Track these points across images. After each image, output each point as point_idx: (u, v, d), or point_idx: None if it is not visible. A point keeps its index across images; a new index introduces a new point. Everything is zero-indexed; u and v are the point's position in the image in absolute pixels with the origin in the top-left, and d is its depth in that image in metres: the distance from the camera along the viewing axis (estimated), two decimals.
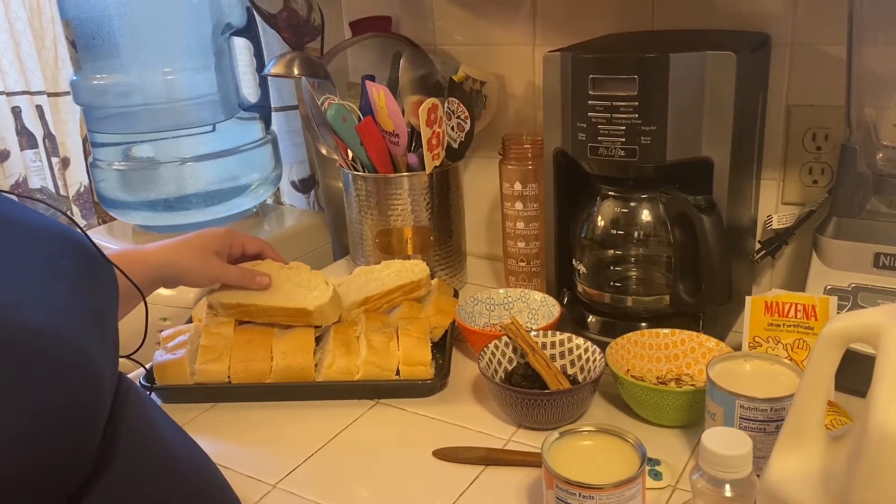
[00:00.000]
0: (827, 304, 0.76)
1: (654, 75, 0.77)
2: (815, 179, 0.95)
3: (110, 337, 0.45)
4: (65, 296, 0.40)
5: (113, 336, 0.45)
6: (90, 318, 0.41)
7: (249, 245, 0.92)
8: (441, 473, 0.72)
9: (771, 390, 0.64)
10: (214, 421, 0.82)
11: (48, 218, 0.45)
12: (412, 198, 1.03)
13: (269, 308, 0.87)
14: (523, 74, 1.10)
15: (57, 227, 0.45)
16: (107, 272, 0.47)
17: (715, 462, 0.52)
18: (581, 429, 0.63)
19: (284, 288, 0.88)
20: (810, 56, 0.91)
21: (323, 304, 0.85)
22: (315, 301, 0.85)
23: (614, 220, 0.89)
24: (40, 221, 0.44)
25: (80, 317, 0.40)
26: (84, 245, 0.46)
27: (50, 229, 0.44)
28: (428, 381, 0.84)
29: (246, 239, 0.92)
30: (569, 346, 0.83)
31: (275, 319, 0.88)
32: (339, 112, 0.99)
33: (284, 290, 0.88)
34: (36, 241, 0.42)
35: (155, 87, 1.17)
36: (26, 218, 0.43)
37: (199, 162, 1.21)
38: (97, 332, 0.41)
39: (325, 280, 0.89)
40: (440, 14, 1.14)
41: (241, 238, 0.91)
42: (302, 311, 0.85)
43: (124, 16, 1.13)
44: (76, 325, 0.39)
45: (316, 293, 0.87)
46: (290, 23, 1.26)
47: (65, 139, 1.69)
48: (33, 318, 0.37)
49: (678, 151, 0.79)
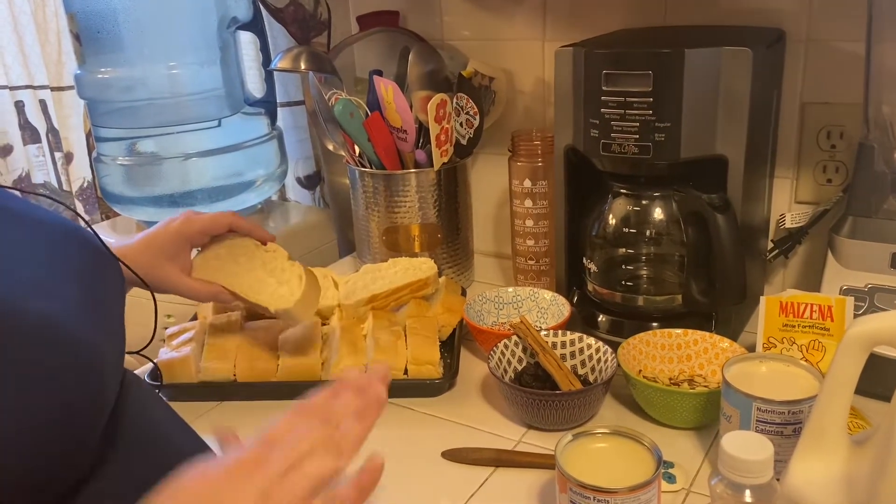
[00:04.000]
0: (843, 305, 0.75)
1: (669, 71, 0.76)
2: (830, 178, 0.94)
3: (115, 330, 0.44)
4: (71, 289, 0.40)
5: (118, 330, 0.45)
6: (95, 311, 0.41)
7: (213, 229, 0.80)
8: (450, 474, 0.70)
9: (788, 392, 0.63)
10: (220, 419, 0.81)
11: (55, 213, 0.45)
12: (420, 195, 1.01)
13: (249, 306, 0.80)
14: (532, 70, 1.09)
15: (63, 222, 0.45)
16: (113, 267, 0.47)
17: (735, 466, 0.50)
18: (595, 431, 0.62)
19: (254, 274, 0.79)
20: (825, 53, 0.90)
21: (287, 309, 0.76)
22: (278, 302, 0.76)
23: (626, 218, 0.87)
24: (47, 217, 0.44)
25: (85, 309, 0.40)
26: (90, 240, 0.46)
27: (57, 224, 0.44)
28: (436, 381, 0.82)
29: (205, 225, 0.79)
30: (579, 345, 0.82)
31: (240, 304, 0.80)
32: (346, 107, 0.98)
33: (253, 276, 0.79)
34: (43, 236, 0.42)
35: (159, 82, 1.15)
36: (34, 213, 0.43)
37: (203, 157, 1.19)
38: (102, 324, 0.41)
39: (300, 274, 0.79)
40: (448, 9, 1.13)
41: (198, 226, 0.79)
42: (264, 309, 0.78)
43: (129, 9, 1.11)
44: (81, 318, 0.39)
45: (284, 290, 0.78)
46: (297, 17, 1.25)
47: (68, 134, 1.68)
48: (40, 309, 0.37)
49: (692, 148, 0.78)
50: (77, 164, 1.69)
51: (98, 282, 0.44)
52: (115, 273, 0.47)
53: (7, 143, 1.78)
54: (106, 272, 0.46)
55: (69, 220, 0.47)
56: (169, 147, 1.18)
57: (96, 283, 0.44)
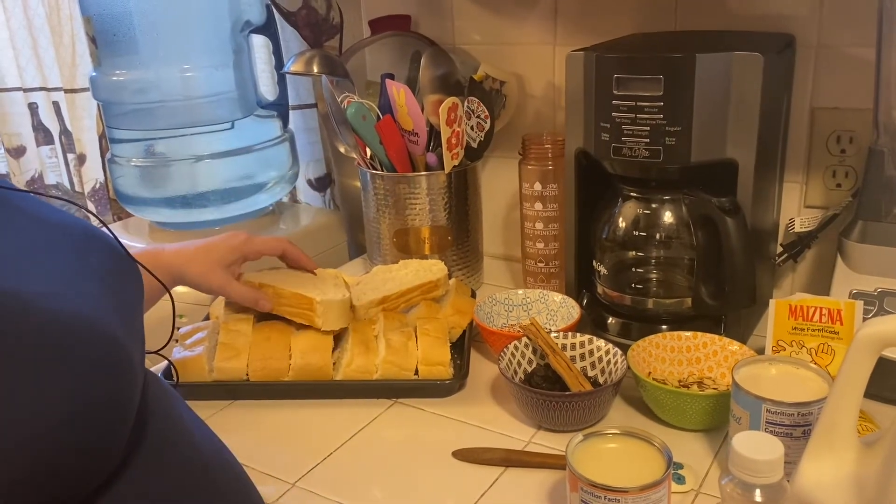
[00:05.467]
0: (853, 309, 0.75)
1: (680, 75, 0.76)
2: (839, 183, 0.94)
3: (137, 331, 0.45)
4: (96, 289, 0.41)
5: (139, 330, 0.46)
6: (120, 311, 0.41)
7: (267, 250, 0.91)
8: (461, 474, 0.71)
9: (797, 395, 0.63)
10: (232, 418, 0.82)
11: (76, 217, 0.47)
12: (430, 197, 1.02)
13: (283, 292, 0.87)
14: (543, 74, 1.10)
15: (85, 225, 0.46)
16: (132, 269, 0.48)
17: (745, 466, 0.51)
18: (606, 431, 0.62)
19: (300, 279, 0.90)
20: (835, 58, 0.90)
21: (330, 300, 0.85)
22: (324, 294, 0.85)
23: (636, 222, 0.88)
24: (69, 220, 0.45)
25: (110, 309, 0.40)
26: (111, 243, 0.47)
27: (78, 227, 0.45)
28: (447, 382, 0.83)
29: (262, 246, 0.90)
30: (589, 347, 0.82)
31: (283, 308, 0.87)
32: (358, 110, 0.99)
33: (299, 279, 0.90)
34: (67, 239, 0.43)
35: (173, 84, 1.17)
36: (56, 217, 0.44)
37: (216, 159, 1.21)
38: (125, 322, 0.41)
39: (346, 286, 0.91)
40: (459, 13, 1.14)
41: (256, 246, 0.90)
42: (307, 301, 0.85)
43: (145, 12, 1.13)
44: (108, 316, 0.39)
45: (331, 290, 0.87)
46: (309, 21, 1.26)
47: (81, 135, 1.70)
48: (68, 307, 0.37)
49: (703, 152, 0.79)
50: (89, 165, 1.71)
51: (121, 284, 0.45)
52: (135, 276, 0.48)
53: (20, 145, 1.80)
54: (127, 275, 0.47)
55: (89, 223, 0.48)
56: (182, 149, 1.20)
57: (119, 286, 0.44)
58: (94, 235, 0.46)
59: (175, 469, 0.44)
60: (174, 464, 0.44)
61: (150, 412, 0.43)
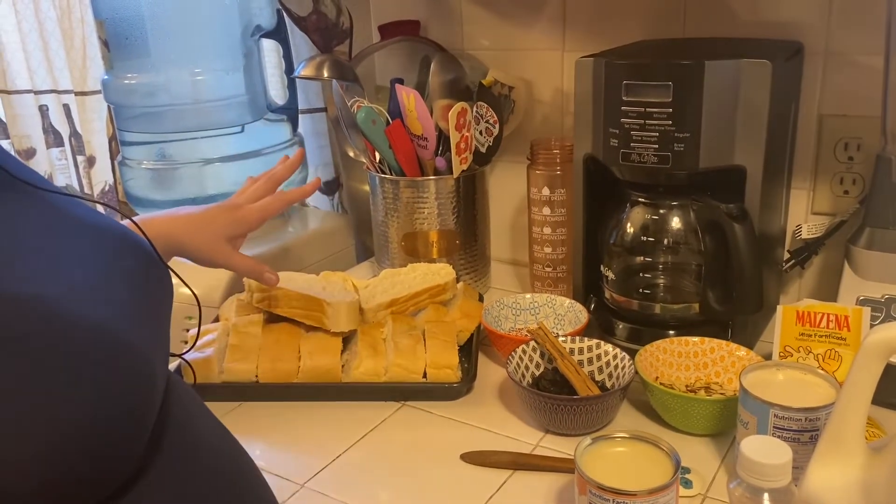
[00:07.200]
0: (860, 315, 0.75)
1: (689, 82, 0.77)
2: (847, 190, 0.94)
3: (163, 336, 0.45)
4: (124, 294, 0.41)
5: (165, 335, 0.46)
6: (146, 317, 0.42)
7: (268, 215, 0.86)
8: (469, 477, 0.71)
9: (804, 400, 0.64)
10: (241, 420, 0.82)
11: (112, 220, 0.47)
12: (439, 201, 1.03)
13: (293, 294, 0.88)
14: (551, 80, 1.10)
15: (120, 229, 0.46)
16: (164, 275, 0.48)
17: (753, 470, 0.51)
18: (614, 435, 0.62)
19: (313, 282, 0.92)
20: (843, 65, 0.91)
21: (340, 302, 0.87)
22: (333, 296, 0.87)
23: (644, 227, 0.88)
24: (105, 223, 0.45)
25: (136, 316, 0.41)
26: (144, 247, 0.47)
27: (114, 231, 0.45)
28: (455, 385, 0.84)
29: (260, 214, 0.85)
30: (597, 352, 0.83)
31: (293, 310, 0.88)
32: (368, 115, 0.99)
33: (312, 282, 0.92)
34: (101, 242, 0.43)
35: (184, 88, 1.18)
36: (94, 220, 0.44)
37: (226, 163, 1.21)
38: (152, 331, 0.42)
39: (355, 289, 0.93)
40: (469, 19, 1.14)
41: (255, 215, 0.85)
42: (317, 302, 0.87)
43: (157, 16, 1.14)
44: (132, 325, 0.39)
45: (340, 293, 0.89)
46: (319, 26, 1.27)
47: (90, 138, 1.71)
48: (92, 314, 0.37)
49: (711, 159, 0.79)
50: (99, 167, 1.72)
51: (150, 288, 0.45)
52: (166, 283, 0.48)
53: (30, 147, 1.81)
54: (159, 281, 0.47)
55: (125, 227, 0.48)
56: (192, 152, 1.20)
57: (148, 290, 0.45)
58: (129, 239, 0.46)
59: (193, 475, 0.44)
60: (192, 470, 0.44)
61: (170, 418, 0.43)
